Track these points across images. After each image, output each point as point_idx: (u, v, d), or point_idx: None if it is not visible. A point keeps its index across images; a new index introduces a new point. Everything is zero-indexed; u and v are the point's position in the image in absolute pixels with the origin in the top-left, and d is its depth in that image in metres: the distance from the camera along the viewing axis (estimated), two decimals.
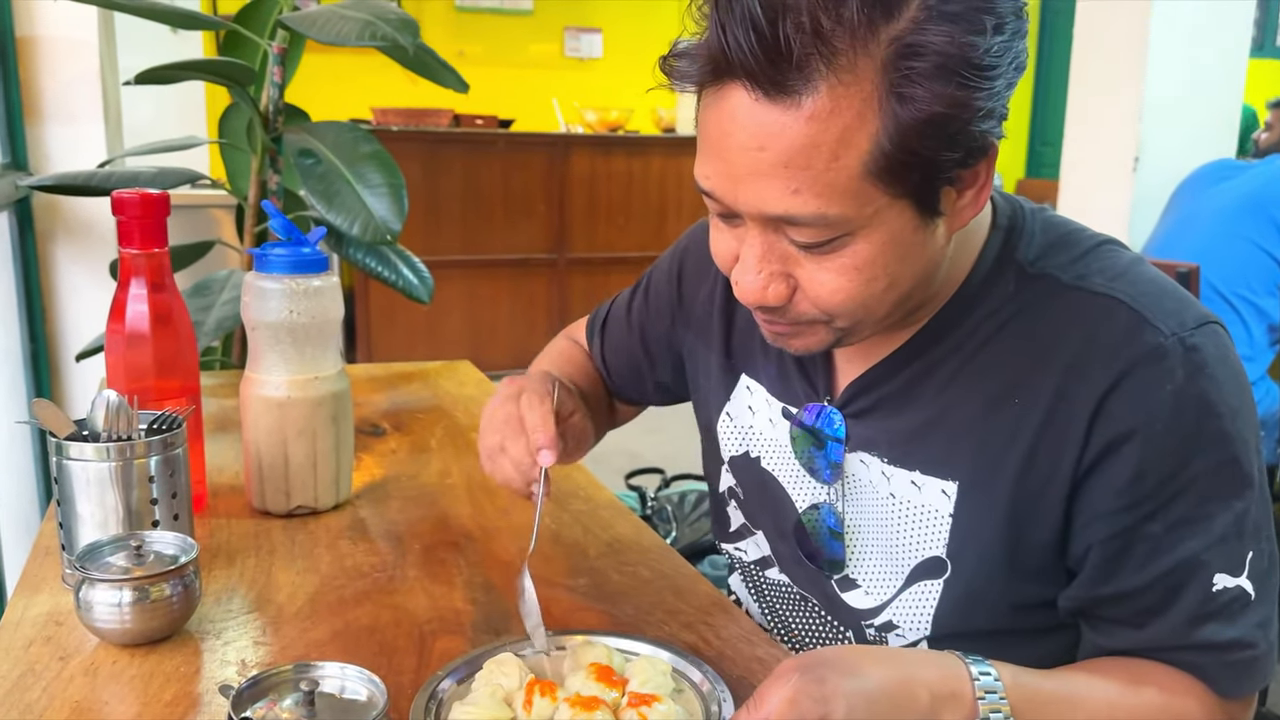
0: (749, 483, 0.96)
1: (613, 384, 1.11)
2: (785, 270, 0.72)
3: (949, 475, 0.80)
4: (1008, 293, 0.79)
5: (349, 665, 0.66)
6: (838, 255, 0.70)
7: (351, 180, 1.73)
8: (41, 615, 0.87)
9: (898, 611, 0.85)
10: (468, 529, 1.09)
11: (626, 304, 1.10)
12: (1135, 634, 0.76)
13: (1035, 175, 7.53)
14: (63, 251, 2.12)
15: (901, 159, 0.65)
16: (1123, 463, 0.73)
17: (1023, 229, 0.81)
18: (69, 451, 0.89)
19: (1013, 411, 0.77)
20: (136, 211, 1.03)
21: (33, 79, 2.08)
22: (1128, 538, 0.74)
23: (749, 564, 1.00)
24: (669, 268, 1.06)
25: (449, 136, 4.84)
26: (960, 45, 0.63)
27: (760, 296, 0.73)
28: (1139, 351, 0.73)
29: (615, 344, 1.10)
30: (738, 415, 0.97)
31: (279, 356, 1.07)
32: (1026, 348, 0.77)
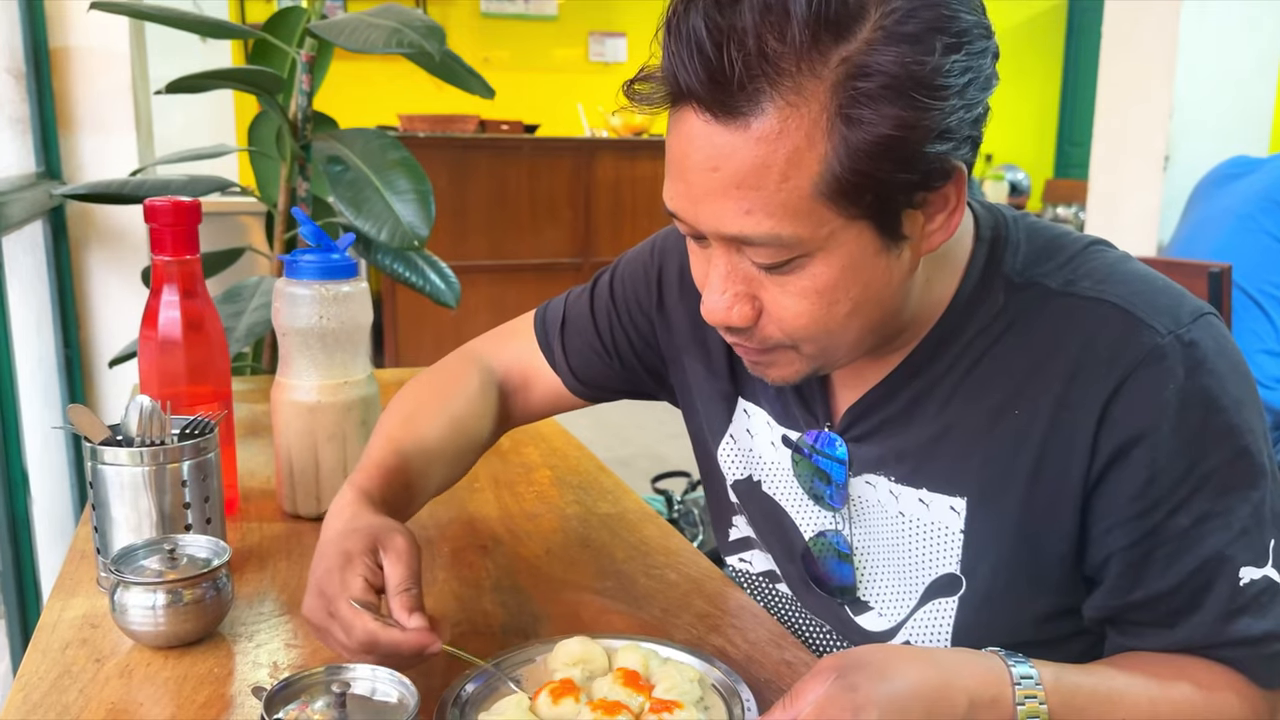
0: (754, 507, 0.95)
1: (582, 390, 1.05)
2: (750, 291, 0.72)
3: (956, 491, 0.79)
4: (998, 305, 0.78)
5: (380, 667, 0.66)
6: (797, 277, 0.70)
7: (380, 187, 1.75)
8: (77, 618, 0.89)
9: (913, 631, 0.84)
10: (495, 532, 1.10)
11: (589, 309, 1.04)
12: (1167, 634, 0.75)
13: (1064, 175, 7.47)
14: (95, 259, 2.15)
15: (853, 181, 0.65)
16: (1134, 468, 0.72)
17: (1006, 239, 0.80)
18: (104, 456, 0.91)
19: (1014, 423, 0.76)
20: (169, 219, 1.04)
21: (66, 89, 2.11)
22: (1149, 542, 0.73)
23: (756, 576, 0.98)
24: (645, 273, 1.01)
25: (475, 142, 4.87)
26: (909, 66, 0.63)
27: (725, 317, 0.73)
28: (1137, 354, 0.72)
29: (579, 348, 1.03)
30: (739, 438, 0.95)
31: (309, 362, 1.08)
32: (1022, 359, 0.76)
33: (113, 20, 2.09)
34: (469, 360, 1.05)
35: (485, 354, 1.07)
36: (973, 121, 0.68)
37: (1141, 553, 0.73)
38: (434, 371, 1.03)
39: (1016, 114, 7.34)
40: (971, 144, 0.69)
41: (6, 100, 2.00)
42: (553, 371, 1.05)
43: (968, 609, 0.80)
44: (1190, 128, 2.76)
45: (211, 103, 4.25)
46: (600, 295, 1.03)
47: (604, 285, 1.03)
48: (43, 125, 2.05)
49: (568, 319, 1.05)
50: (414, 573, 0.75)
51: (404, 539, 0.77)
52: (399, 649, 0.70)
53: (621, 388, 1.05)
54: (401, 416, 0.95)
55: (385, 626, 0.71)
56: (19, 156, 2.02)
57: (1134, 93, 2.86)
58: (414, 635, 0.71)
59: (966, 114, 0.66)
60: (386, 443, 0.91)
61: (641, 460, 3.80)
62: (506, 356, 1.06)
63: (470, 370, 1.03)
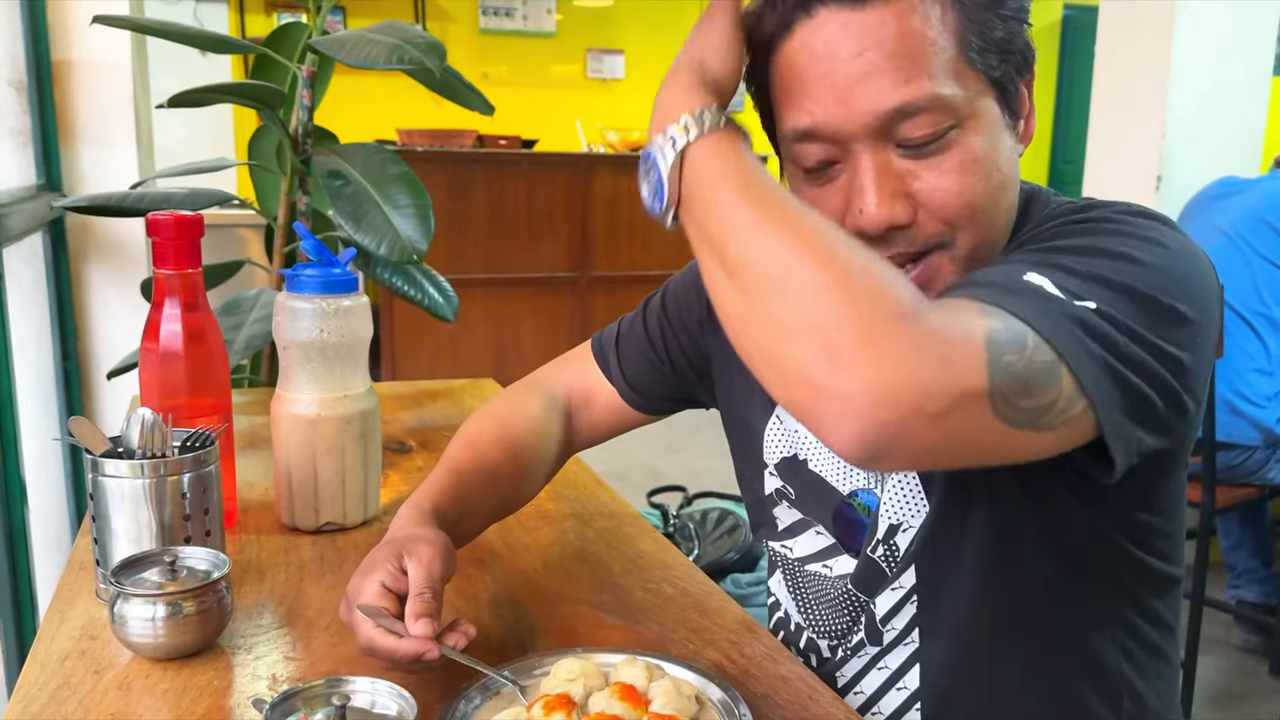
0: (796, 484, 0.98)
1: (635, 399, 1.11)
2: (904, 189, 0.75)
3: None
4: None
5: (379, 680, 0.67)
6: (950, 155, 0.74)
7: (379, 201, 1.76)
8: (76, 629, 0.89)
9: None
10: (493, 546, 1.10)
11: (641, 321, 1.11)
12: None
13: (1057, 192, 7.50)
14: (95, 271, 2.16)
15: (986, 35, 0.73)
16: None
17: (1038, 194, 0.87)
18: (104, 468, 0.91)
19: None
20: (171, 233, 1.05)
21: (67, 102, 2.12)
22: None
23: (793, 561, 1.00)
24: (696, 282, 1.06)
25: (473, 157, 4.89)
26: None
27: (889, 214, 0.75)
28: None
29: (634, 359, 1.10)
30: (785, 419, 0.98)
31: (309, 375, 1.08)
32: None
33: (114, 34, 2.10)
34: (531, 386, 1.10)
35: (547, 379, 1.12)
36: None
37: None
38: (498, 399, 1.08)
39: None
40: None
41: (8, 112, 2.01)
42: (610, 386, 1.10)
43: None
44: (1183, 147, 2.78)
45: (211, 117, 4.27)
46: (652, 311, 1.10)
47: (655, 303, 1.11)
48: (44, 137, 2.06)
49: (621, 334, 1.12)
50: (432, 578, 0.78)
51: (429, 547, 0.80)
52: (393, 655, 0.73)
53: (673, 395, 1.10)
54: (465, 441, 1.01)
55: (383, 633, 0.74)
56: (20, 168, 2.03)
57: (1127, 111, 2.88)
58: (409, 643, 0.73)
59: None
60: (445, 463, 0.97)
61: (637, 474, 3.79)
62: (569, 378, 1.12)
63: (533, 395, 1.08)
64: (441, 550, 0.80)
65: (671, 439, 3.45)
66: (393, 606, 0.77)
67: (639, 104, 6.29)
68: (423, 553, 0.79)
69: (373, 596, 0.77)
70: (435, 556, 0.79)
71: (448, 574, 0.81)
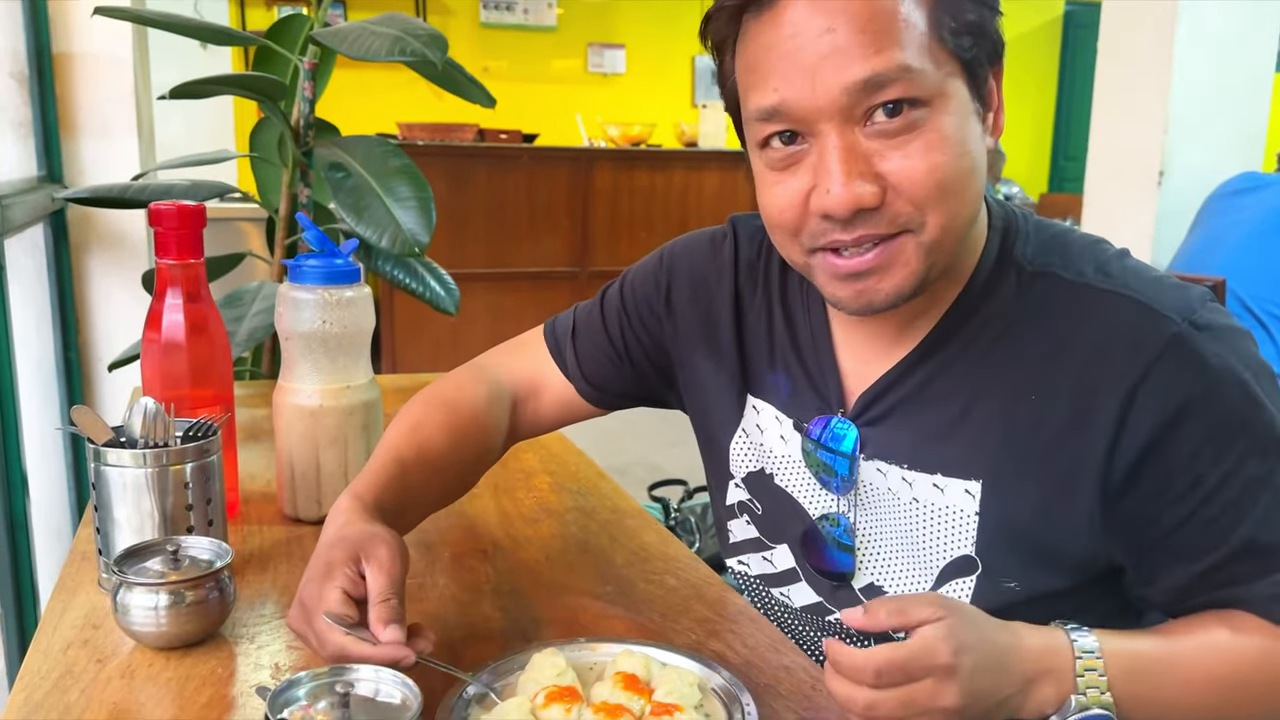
0: (765, 499, 0.96)
1: (592, 394, 1.06)
2: (872, 169, 0.74)
3: (972, 475, 0.81)
4: (1011, 290, 0.81)
5: (383, 669, 0.67)
6: (918, 135, 0.73)
7: (381, 194, 1.76)
8: (79, 618, 0.89)
9: None
10: (495, 537, 1.10)
11: (599, 314, 1.05)
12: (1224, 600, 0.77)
13: (1059, 190, 7.50)
14: (96, 263, 2.15)
15: (958, 16, 0.73)
16: (1172, 452, 0.74)
17: (1017, 229, 0.84)
18: (107, 458, 0.91)
19: (1031, 408, 0.78)
20: (173, 223, 1.05)
21: (68, 94, 2.12)
22: (1199, 519, 0.75)
23: (753, 579, 0.99)
24: (654, 277, 1.03)
25: (474, 151, 4.88)
26: None
27: (856, 195, 0.73)
28: (1159, 342, 0.75)
29: (591, 355, 1.05)
30: (750, 433, 0.97)
31: (312, 366, 1.08)
32: (1038, 344, 0.79)
33: (116, 26, 2.10)
34: (477, 373, 1.06)
35: (494, 366, 1.08)
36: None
37: (1199, 526, 0.76)
38: (442, 383, 1.04)
39: (1012, 128, 7.38)
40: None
41: (9, 104, 2.00)
42: (564, 379, 1.06)
43: (983, 589, 0.82)
44: (1185, 143, 2.78)
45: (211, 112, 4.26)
46: (610, 302, 1.05)
47: (614, 293, 1.06)
48: (45, 129, 2.06)
49: (578, 327, 1.07)
50: (395, 582, 0.75)
51: (387, 549, 0.77)
52: (368, 663, 0.71)
53: (632, 391, 1.06)
54: (407, 426, 0.96)
55: (356, 641, 0.72)
56: (21, 160, 2.03)
57: (1129, 108, 2.88)
58: (385, 650, 0.71)
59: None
60: (388, 451, 0.92)
61: (638, 469, 3.79)
62: (517, 368, 1.08)
63: (479, 382, 1.03)
64: (398, 551, 0.78)
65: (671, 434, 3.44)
66: (353, 612, 0.75)
67: (640, 98, 6.29)
68: (381, 555, 0.76)
69: (335, 604, 0.74)
70: (393, 559, 0.77)
71: (406, 568, 0.78)
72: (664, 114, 5.95)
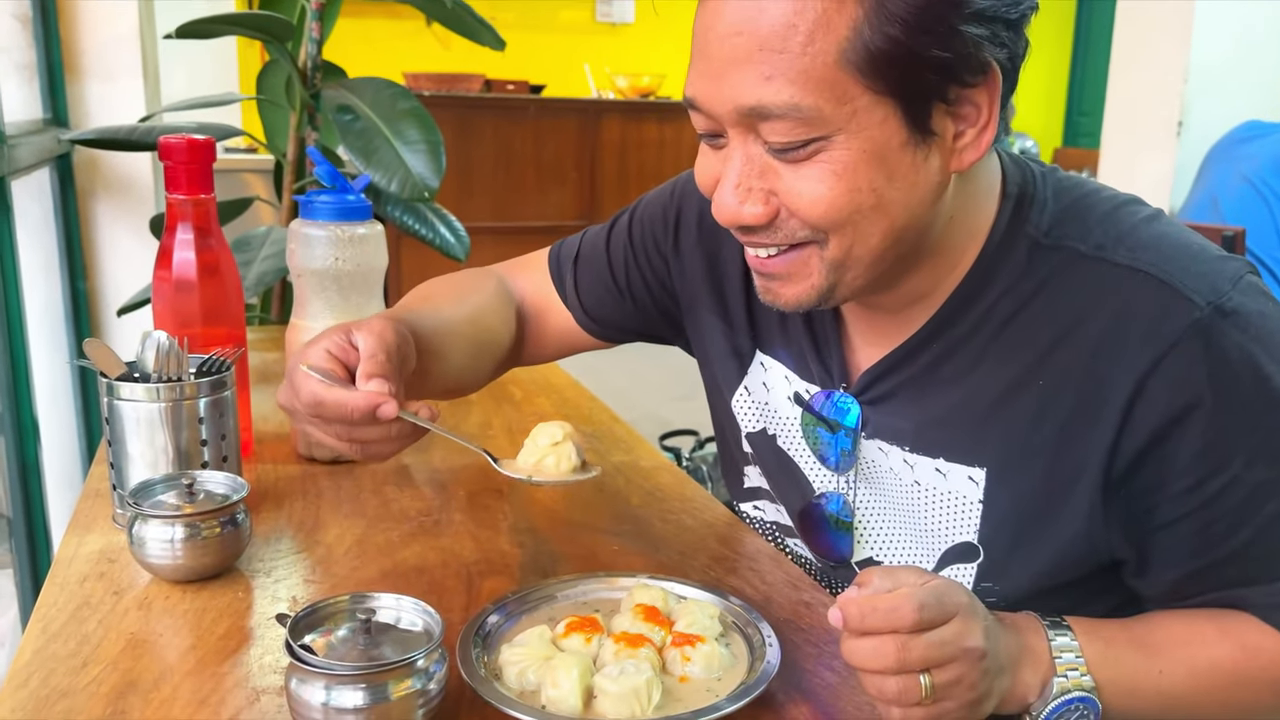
0: (768, 460, 0.93)
1: (591, 326, 1.02)
2: (765, 186, 0.69)
3: (976, 462, 0.77)
4: (1022, 266, 0.75)
5: (404, 596, 0.66)
6: (817, 162, 0.67)
7: (390, 137, 1.73)
8: (94, 552, 0.89)
9: None
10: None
11: (605, 243, 1.01)
12: (1223, 600, 0.75)
13: (1073, 144, 7.42)
14: (103, 207, 2.13)
15: (883, 49, 0.63)
16: (1183, 443, 0.69)
17: (1033, 197, 0.77)
18: (120, 392, 0.90)
19: (1038, 393, 0.73)
20: (184, 156, 1.03)
21: (73, 36, 2.08)
22: (1205, 515, 0.71)
23: (768, 524, 0.97)
24: (664, 213, 0.99)
25: (480, 102, 4.83)
26: None
27: (736, 214, 0.70)
28: (1176, 329, 0.69)
29: (591, 285, 1.01)
30: (755, 390, 0.93)
31: (324, 304, 1.07)
32: (1050, 326, 0.73)
33: None
34: (486, 273, 1.04)
35: (505, 276, 1.05)
36: (1009, 18, 0.66)
37: (1198, 526, 0.72)
38: (453, 275, 1.01)
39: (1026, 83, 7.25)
40: (1008, 47, 0.67)
41: (13, 45, 1.97)
42: (565, 307, 1.04)
43: (985, 577, 0.79)
44: (1205, 92, 2.74)
45: (214, 56, 4.21)
46: (618, 233, 1.01)
47: (623, 223, 1.02)
48: (50, 72, 2.03)
49: (581, 255, 1.03)
50: (386, 344, 0.74)
51: (382, 320, 0.75)
52: (343, 406, 0.70)
53: (634, 328, 1.03)
54: (420, 297, 0.94)
55: (331, 386, 0.70)
56: (26, 103, 2.00)
57: (1148, 57, 2.83)
58: (361, 394, 0.69)
59: (1004, 7, 0.65)
60: (400, 309, 0.89)
61: (646, 424, 3.79)
62: (523, 284, 1.05)
63: (488, 276, 1.02)
64: (395, 326, 0.75)
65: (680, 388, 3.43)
66: (337, 370, 0.72)
67: (649, 49, 6.20)
68: (373, 324, 0.74)
69: (318, 359, 0.72)
70: (388, 328, 0.74)
71: (405, 352, 0.75)
72: (673, 65, 5.86)
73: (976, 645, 0.65)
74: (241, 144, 3.93)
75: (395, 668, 0.61)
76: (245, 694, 0.68)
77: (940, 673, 0.63)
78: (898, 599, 0.63)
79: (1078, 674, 0.70)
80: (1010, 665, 0.69)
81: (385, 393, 0.70)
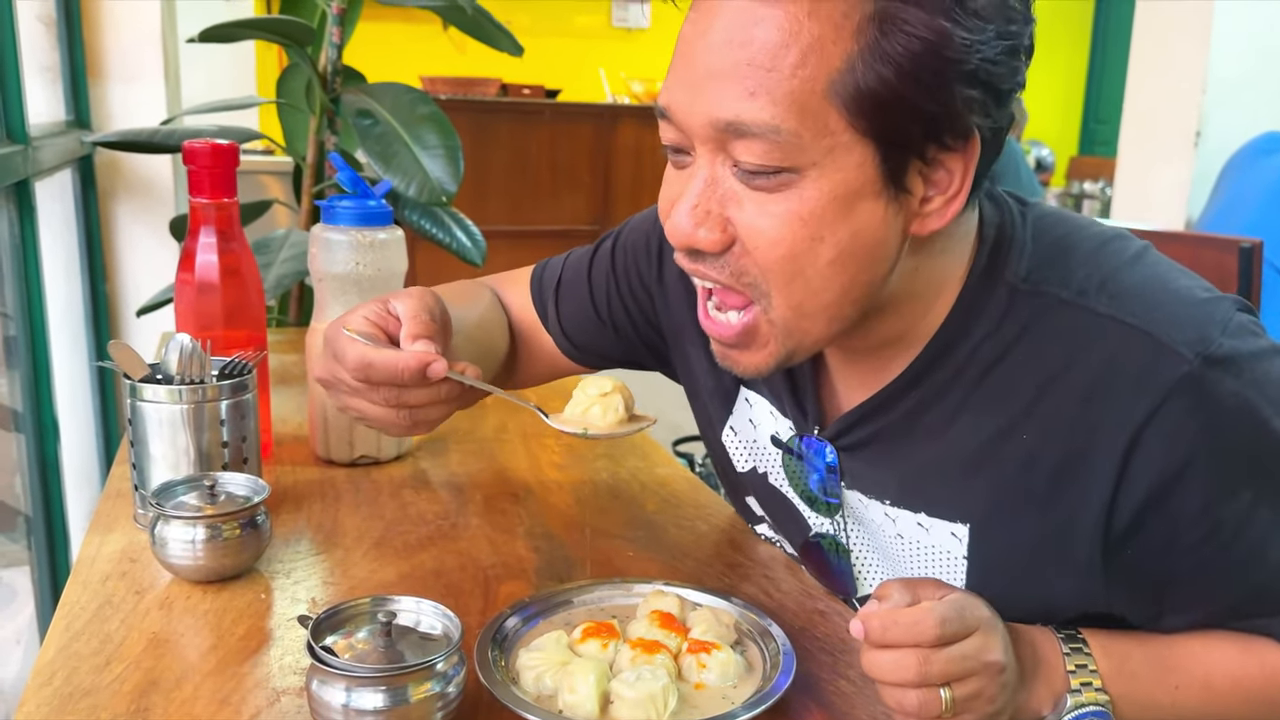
0: (764, 496, 0.91)
1: (573, 353, 1.01)
2: (725, 214, 0.67)
3: (958, 518, 0.75)
4: (1000, 312, 0.71)
5: (424, 600, 0.67)
6: (783, 197, 0.64)
7: (409, 141, 1.74)
8: (116, 552, 0.90)
9: None
10: (526, 482, 1.10)
11: (587, 269, 0.99)
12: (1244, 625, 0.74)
13: (1089, 152, 7.40)
14: (123, 209, 2.15)
15: (873, 89, 0.61)
16: (1184, 496, 0.67)
17: (1011, 239, 0.73)
18: (143, 393, 0.91)
19: (1022, 447, 0.70)
20: (207, 161, 1.05)
21: (96, 38, 2.11)
22: (1218, 563, 0.69)
23: (779, 543, 0.95)
24: (647, 241, 0.95)
25: (496, 106, 4.86)
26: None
27: (689, 235, 0.67)
28: (1166, 383, 0.65)
29: (573, 311, 0.98)
30: (741, 430, 0.91)
31: (344, 308, 1.07)
32: (1032, 376, 0.70)
33: None
34: (482, 285, 1.04)
35: (496, 290, 1.06)
36: (1000, 89, 0.63)
37: (1212, 574, 0.70)
38: (449, 284, 1.00)
39: (1043, 90, 7.26)
40: (992, 118, 0.64)
41: (37, 48, 1.99)
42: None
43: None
44: (1223, 102, 2.73)
45: (233, 61, 4.24)
46: (601, 260, 0.98)
47: (605, 250, 0.99)
48: (73, 74, 2.05)
49: (564, 280, 1.01)
50: (428, 308, 0.73)
51: (417, 289, 0.75)
52: (393, 365, 0.69)
53: (619, 356, 1.00)
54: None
55: (378, 348, 0.69)
56: (49, 104, 2.02)
57: (1166, 66, 2.82)
58: (410, 354, 0.69)
59: (996, 66, 0.62)
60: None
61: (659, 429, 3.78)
62: (510, 301, 1.05)
63: (486, 290, 1.02)
64: (433, 293, 0.74)
65: None
66: (378, 335, 0.72)
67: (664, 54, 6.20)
68: (412, 291, 0.74)
69: (359, 324, 0.71)
70: (427, 293, 0.73)
71: (445, 319, 0.73)
72: None
73: (996, 660, 0.65)
74: (259, 146, 3.96)
75: (415, 670, 0.61)
76: (266, 694, 0.69)
77: (960, 686, 0.64)
78: (920, 613, 0.63)
79: (1092, 688, 0.70)
80: (1026, 679, 0.69)
81: (434, 352, 0.70)
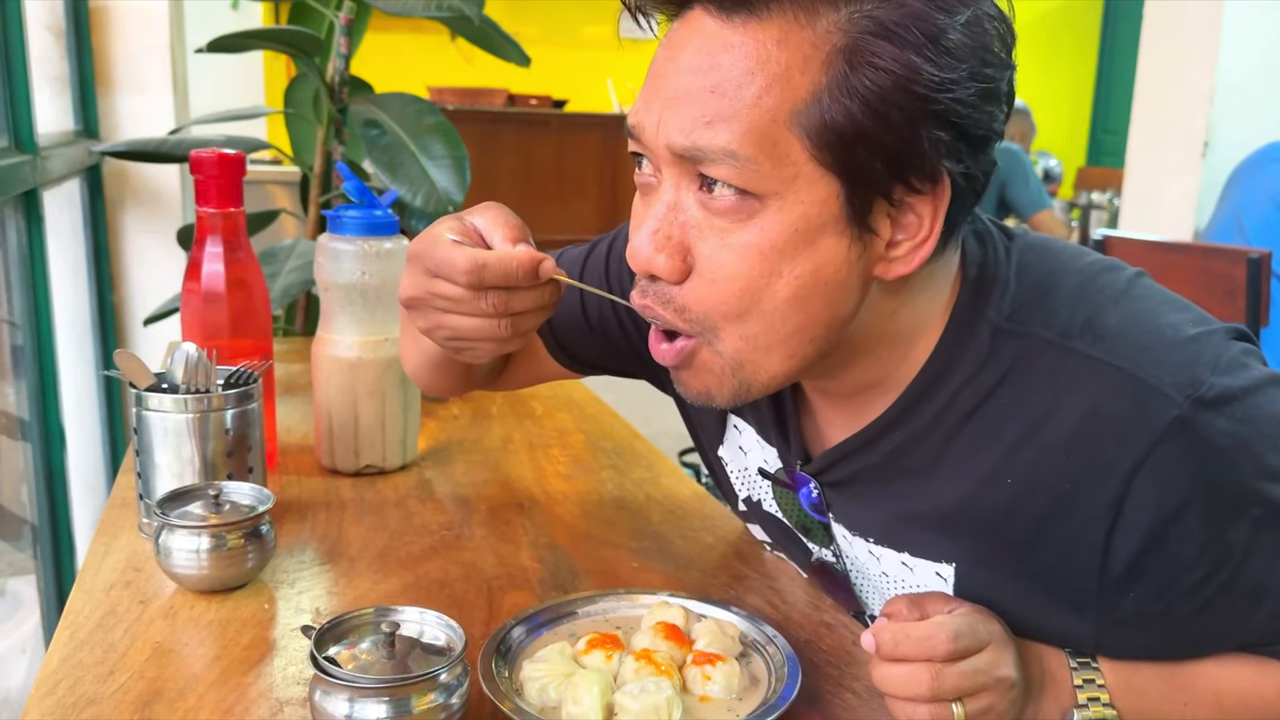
0: (765, 523, 0.90)
1: (563, 358, 0.98)
2: (685, 242, 0.65)
3: (943, 559, 0.73)
4: (984, 355, 0.69)
5: (428, 610, 0.67)
6: (743, 230, 0.63)
7: (415, 151, 1.75)
8: (120, 561, 0.90)
9: None
10: (531, 493, 1.10)
11: (578, 275, 0.96)
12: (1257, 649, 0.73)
13: (1097, 163, 7.39)
14: (131, 218, 2.16)
15: (838, 121, 0.60)
16: (1184, 542, 0.65)
17: (994, 277, 0.71)
18: (149, 402, 0.92)
19: (1007, 492, 0.68)
20: (214, 170, 1.05)
21: (104, 48, 2.12)
22: (1225, 598, 0.67)
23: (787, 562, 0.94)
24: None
25: (504, 116, 4.88)
26: (928, 20, 0.59)
27: (648, 260, 0.66)
28: (1156, 428, 0.63)
29: (562, 314, 0.95)
30: (733, 459, 0.90)
31: (350, 318, 1.08)
32: (1016, 420, 0.68)
33: None
34: None
35: None
36: (972, 134, 0.62)
37: (1216, 611, 0.68)
38: None
39: (1051, 101, 7.26)
40: (965, 164, 0.62)
41: (46, 58, 2.01)
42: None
43: None
44: (1231, 112, 2.73)
45: (241, 72, 4.26)
46: (595, 261, 0.96)
47: (599, 255, 0.96)
48: (81, 84, 2.06)
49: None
50: (511, 215, 0.72)
51: (491, 203, 0.74)
52: (508, 264, 0.68)
53: (609, 366, 0.98)
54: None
55: (485, 250, 0.69)
56: (57, 114, 2.03)
57: (1174, 76, 2.82)
58: (524, 252, 0.68)
59: (968, 109, 0.60)
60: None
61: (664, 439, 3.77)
62: None
63: None
64: (509, 209, 0.73)
65: None
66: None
67: None
68: (487, 204, 0.73)
69: (454, 231, 0.70)
70: (502, 207, 0.73)
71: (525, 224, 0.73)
72: None
73: (1008, 675, 0.65)
74: (266, 155, 3.97)
75: (419, 681, 0.61)
76: (269, 705, 0.69)
77: (972, 701, 0.63)
78: (933, 627, 0.63)
79: (1100, 703, 0.69)
80: (1034, 694, 0.69)
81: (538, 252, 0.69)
